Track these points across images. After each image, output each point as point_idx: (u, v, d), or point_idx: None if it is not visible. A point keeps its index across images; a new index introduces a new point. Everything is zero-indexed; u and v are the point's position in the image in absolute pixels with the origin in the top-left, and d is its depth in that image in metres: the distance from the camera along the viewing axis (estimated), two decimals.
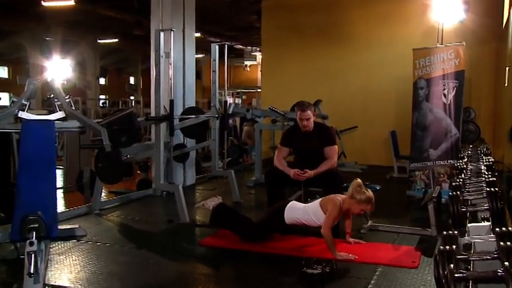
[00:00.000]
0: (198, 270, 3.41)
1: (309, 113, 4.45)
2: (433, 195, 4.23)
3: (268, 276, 3.31)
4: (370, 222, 4.42)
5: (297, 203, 3.92)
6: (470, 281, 1.70)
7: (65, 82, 13.92)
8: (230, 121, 11.67)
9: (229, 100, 15.10)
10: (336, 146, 4.58)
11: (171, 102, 5.05)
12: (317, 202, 3.78)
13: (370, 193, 3.65)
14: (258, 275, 3.36)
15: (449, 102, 5.71)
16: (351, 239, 3.91)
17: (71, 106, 4.12)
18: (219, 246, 3.90)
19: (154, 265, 3.46)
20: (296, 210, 3.80)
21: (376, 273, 3.29)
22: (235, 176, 5.94)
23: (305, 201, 4.59)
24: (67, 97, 4.02)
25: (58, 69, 13.72)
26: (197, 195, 6.31)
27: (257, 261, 3.59)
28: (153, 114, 5.70)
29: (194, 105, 7.04)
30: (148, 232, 4.45)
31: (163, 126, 5.28)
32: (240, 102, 16.37)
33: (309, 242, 3.86)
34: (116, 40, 18.42)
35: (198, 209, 5.13)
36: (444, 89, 5.73)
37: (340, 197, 3.73)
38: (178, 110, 6.07)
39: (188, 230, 4.51)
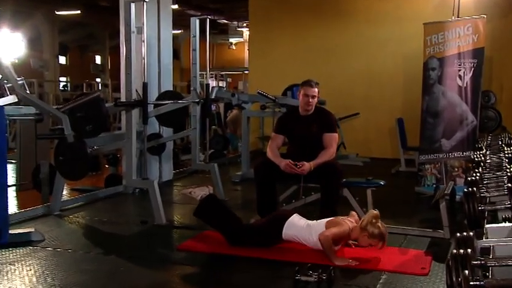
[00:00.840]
0: (175, 279, 3.39)
1: (316, 90, 4.52)
2: (446, 192, 4.26)
3: (256, 284, 3.31)
4: None
5: (300, 218, 3.88)
6: None
7: (17, 61, 13.69)
8: (213, 107, 11.68)
9: (212, 83, 15.03)
10: (337, 134, 4.59)
11: (145, 85, 5.00)
12: (323, 222, 3.77)
13: (384, 229, 3.64)
14: (245, 283, 3.35)
15: (465, 85, 5.73)
16: (351, 242, 3.91)
17: (25, 89, 4.06)
18: (200, 250, 3.89)
19: (125, 273, 3.44)
20: (297, 228, 3.78)
21: (380, 281, 3.30)
22: (219, 170, 5.94)
23: (300, 198, 4.60)
24: (20, 79, 3.96)
25: (7, 45, 13.44)
26: (175, 193, 6.28)
27: (244, 267, 3.59)
28: (123, 99, 5.63)
29: (171, 89, 7.00)
30: (118, 235, 4.42)
31: (135, 113, 5.23)
32: (224, 85, 16.31)
33: (304, 246, 3.85)
34: (79, 12, 18.17)
35: (178, 205, 5.12)
36: (460, 70, 5.74)
37: (350, 223, 3.74)
38: (152, 95, 6.01)
39: (165, 232, 4.49)
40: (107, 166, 7.65)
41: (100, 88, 18.64)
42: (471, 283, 1.60)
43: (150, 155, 6.15)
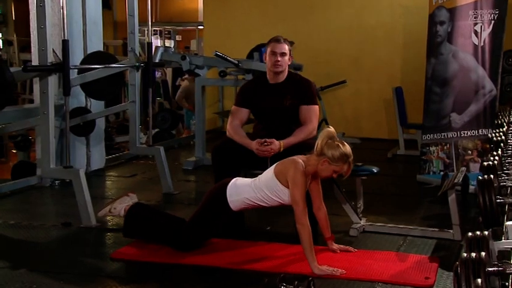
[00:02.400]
0: None
1: (286, 47, 4.50)
2: (457, 180, 4.32)
3: None
4: (363, 221, 4.48)
5: (242, 178, 3.97)
6: None
7: None
8: (157, 74, 11.55)
9: (156, 42, 14.86)
10: (317, 107, 4.62)
11: (65, 44, 4.90)
12: (270, 170, 3.83)
13: (347, 147, 3.70)
14: None
15: (482, 44, 5.79)
16: (336, 246, 3.96)
17: None
18: (140, 259, 3.88)
19: None
20: (243, 189, 3.83)
21: None
22: (167, 155, 5.93)
23: None
24: None
25: None
26: (108, 185, 6.23)
27: (197, 279, 3.59)
28: (35, 62, 5.54)
29: (101, 49, 6.89)
30: (30, 243, 4.36)
31: (53, 80, 5.13)
32: (172, 45, 16.14)
33: (274, 250, 3.89)
34: None
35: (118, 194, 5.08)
36: (476, 24, 5.80)
37: (300, 157, 3.78)
38: (76, 57, 5.94)
39: (94, 237, 4.47)
40: (14, 151, 7.52)
41: (1, 47, 18.20)
42: None
43: (74, 136, 6.09)
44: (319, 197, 3.93)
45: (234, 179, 3.92)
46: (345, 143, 3.72)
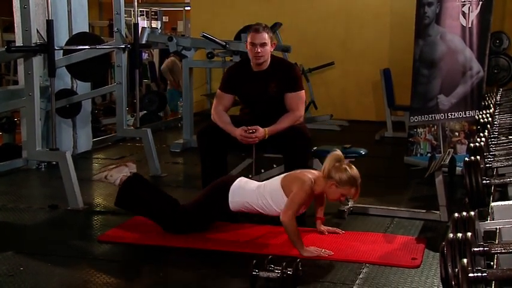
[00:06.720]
0: (96, 279, 3.37)
1: (265, 36, 4.40)
2: (444, 162, 4.34)
3: (202, 284, 3.32)
4: (351, 203, 4.51)
5: (248, 180, 3.94)
6: (493, 283, 1.75)
7: None
8: (144, 55, 11.49)
9: (142, 23, 14.76)
10: (303, 92, 4.59)
11: (49, 24, 4.86)
12: (277, 180, 3.81)
13: (354, 170, 3.68)
14: (186, 282, 3.36)
15: (470, 25, 5.80)
16: (324, 227, 3.99)
17: None
18: (128, 242, 3.89)
19: (28, 275, 3.39)
20: (247, 193, 3.82)
21: (360, 275, 3.37)
22: (154, 137, 5.93)
23: (258, 173, 4.63)
24: None
25: None
26: (95, 167, 6.22)
27: (186, 262, 3.61)
28: (19, 42, 5.49)
29: (87, 29, 6.85)
30: (17, 225, 4.36)
31: (37, 61, 5.10)
32: (159, 26, 16.04)
33: (262, 232, 3.92)
34: None
35: (99, 184, 5.07)
36: (464, 5, 5.80)
37: (311, 174, 3.77)
38: (61, 37, 5.91)
39: (81, 219, 4.48)
40: None
41: None
42: (471, 275, 1.63)
43: (60, 118, 6.07)
44: (323, 201, 3.98)
45: (239, 179, 3.90)
46: (352, 166, 3.70)
